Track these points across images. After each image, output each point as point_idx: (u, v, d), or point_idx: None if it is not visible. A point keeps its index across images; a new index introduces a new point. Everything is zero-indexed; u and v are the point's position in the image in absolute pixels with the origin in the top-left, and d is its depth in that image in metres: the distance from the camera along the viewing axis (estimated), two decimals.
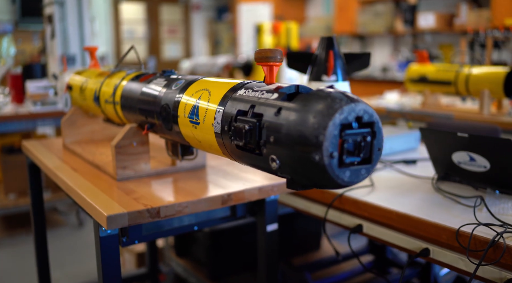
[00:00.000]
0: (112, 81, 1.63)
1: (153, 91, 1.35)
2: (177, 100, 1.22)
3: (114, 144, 1.45)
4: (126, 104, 1.48)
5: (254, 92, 0.99)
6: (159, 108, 1.29)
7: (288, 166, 0.88)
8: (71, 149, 1.89)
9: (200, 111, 1.11)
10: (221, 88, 1.10)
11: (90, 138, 2.02)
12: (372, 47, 7.30)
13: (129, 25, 9.23)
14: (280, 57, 1.02)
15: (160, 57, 9.67)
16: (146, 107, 1.36)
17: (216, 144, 1.08)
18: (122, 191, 1.37)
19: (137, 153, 1.49)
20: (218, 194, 1.33)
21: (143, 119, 1.40)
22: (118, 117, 1.59)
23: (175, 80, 1.31)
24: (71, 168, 1.64)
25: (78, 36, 4.41)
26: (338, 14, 7.29)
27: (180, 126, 1.20)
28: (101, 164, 1.61)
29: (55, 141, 2.15)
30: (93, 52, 2.04)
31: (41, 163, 1.79)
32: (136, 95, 1.42)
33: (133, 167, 1.49)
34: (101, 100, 1.68)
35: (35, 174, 2.09)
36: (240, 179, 1.48)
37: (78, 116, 1.99)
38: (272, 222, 1.51)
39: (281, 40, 4.85)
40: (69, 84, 2.01)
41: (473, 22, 5.58)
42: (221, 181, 1.46)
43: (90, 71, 1.95)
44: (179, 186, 1.42)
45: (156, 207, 1.23)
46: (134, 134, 1.47)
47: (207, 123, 1.08)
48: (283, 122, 0.87)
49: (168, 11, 9.71)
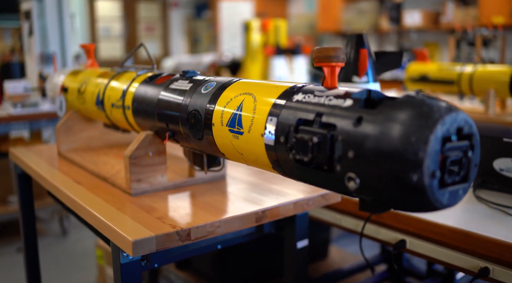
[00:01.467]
0: (120, 83, 1.46)
1: (177, 95, 1.18)
2: (210, 105, 1.06)
3: (128, 154, 1.28)
4: (140, 109, 1.31)
5: (318, 98, 0.84)
6: (185, 114, 1.13)
7: (370, 187, 0.74)
8: (69, 158, 1.71)
9: (244, 119, 0.96)
10: (269, 92, 0.95)
11: (87, 145, 1.84)
12: None
13: (105, 23, 8.92)
14: (343, 57, 0.88)
15: (138, 55, 9.39)
16: (168, 113, 1.20)
17: (265, 157, 0.93)
18: (140, 208, 1.21)
19: (153, 164, 1.32)
20: (252, 211, 1.18)
21: (162, 126, 1.24)
22: (128, 123, 1.42)
23: (203, 82, 1.15)
24: (74, 181, 1.46)
25: (58, 33, 4.17)
26: (321, 11, 7.20)
27: (216, 136, 1.04)
28: (109, 176, 1.43)
29: (45, 148, 1.96)
30: (91, 50, 1.85)
31: (36, 174, 1.60)
32: (154, 99, 1.26)
33: (148, 179, 1.32)
34: (106, 104, 1.50)
35: (25, 185, 1.89)
36: (269, 191, 1.33)
37: (75, 121, 1.80)
38: (303, 238, 1.37)
39: (270, 38, 4.71)
40: (64, 86, 1.82)
41: (460, 20, 5.56)
42: (249, 195, 1.31)
43: (89, 71, 1.76)
44: (204, 201, 1.26)
45: (186, 229, 1.07)
46: (150, 143, 1.31)
47: (255, 133, 0.93)
48: (368, 134, 0.72)
49: (145, 8, 9.44)
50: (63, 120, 1.78)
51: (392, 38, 6.77)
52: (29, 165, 1.68)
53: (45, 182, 1.53)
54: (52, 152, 1.88)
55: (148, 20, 9.52)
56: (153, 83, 1.31)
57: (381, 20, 6.50)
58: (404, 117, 0.70)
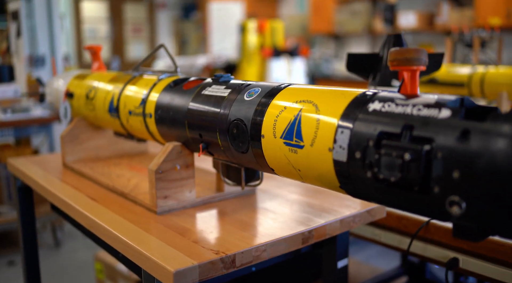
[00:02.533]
0: (139, 88, 1.32)
1: (213, 102, 1.05)
2: (258, 115, 0.93)
3: (154, 168, 1.14)
4: (166, 118, 1.18)
5: (402, 107, 0.72)
6: (225, 124, 1.00)
7: (480, 212, 0.62)
8: (77, 170, 1.56)
9: (305, 131, 0.83)
10: (334, 100, 0.83)
11: (95, 155, 1.69)
12: (349, 47, 7.17)
13: (91, 24, 8.70)
14: (425, 59, 0.76)
15: (124, 57, 9.19)
16: (202, 123, 1.07)
17: (332, 175, 0.80)
18: (171, 229, 1.07)
19: (181, 179, 1.19)
20: (298, 231, 1.06)
21: (194, 137, 1.11)
22: (149, 133, 1.28)
23: (244, 87, 1.02)
24: (87, 196, 1.31)
25: (47, 34, 3.99)
26: (314, 13, 7.11)
27: (266, 149, 0.92)
28: (127, 191, 1.29)
29: (46, 159, 1.80)
30: (98, 52, 1.70)
31: (42, 189, 1.45)
32: (183, 107, 1.12)
33: (176, 196, 1.19)
34: (122, 112, 1.36)
35: (26, 198, 1.74)
36: (307, 206, 1.21)
37: (82, 129, 1.65)
38: (343, 257, 1.25)
39: (266, 39, 4.60)
40: (69, 91, 1.67)
41: (455, 21, 5.51)
42: (288, 211, 1.18)
43: (97, 75, 1.62)
44: (240, 220, 1.13)
45: (230, 255, 0.94)
46: (177, 155, 1.17)
47: (320, 147, 0.80)
48: (479, 151, 0.61)
49: (132, 9, 9.24)
50: (68, 129, 1.63)
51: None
52: (33, 178, 1.53)
53: (53, 197, 1.38)
54: (55, 162, 1.73)
55: (135, 21, 9.32)
56: (180, 89, 1.18)
57: (375, 21, 6.44)
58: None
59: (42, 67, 3.95)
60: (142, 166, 1.59)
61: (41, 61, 3.92)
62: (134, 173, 1.48)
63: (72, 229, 3.66)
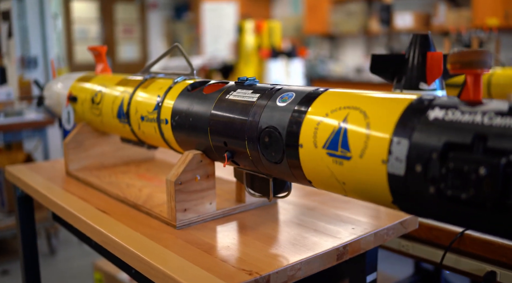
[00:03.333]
0: (152, 91, 1.23)
1: (240, 108, 0.97)
2: (295, 122, 0.85)
3: (174, 179, 1.05)
4: (185, 124, 1.09)
5: (469, 115, 0.65)
6: (255, 132, 0.92)
7: None
8: (82, 179, 1.47)
9: (353, 140, 0.75)
10: (385, 106, 0.75)
11: (100, 162, 1.60)
12: (344, 48, 7.12)
13: (81, 25, 8.55)
14: (490, 62, 0.69)
15: (115, 58, 9.05)
16: (228, 130, 0.98)
17: (385, 190, 0.73)
18: (195, 246, 0.99)
19: (201, 190, 1.10)
20: (332, 247, 0.98)
21: (217, 145, 1.02)
22: (164, 140, 1.20)
23: (275, 91, 0.94)
24: (96, 208, 1.22)
25: (39, 35, 3.87)
26: (308, 13, 7.05)
27: (304, 160, 0.84)
28: (140, 202, 1.21)
29: (46, 166, 1.71)
30: (102, 53, 1.61)
31: (46, 200, 1.36)
32: (205, 112, 1.04)
33: (196, 208, 1.10)
34: (133, 117, 1.27)
35: (27, 208, 1.64)
36: (336, 219, 1.13)
37: (86, 135, 1.56)
38: (372, 271, 1.18)
39: (264, 40, 4.52)
40: (72, 94, 1.58)
41: (452, 22, 5.48)
42: (316, 224, 1.10)
43: (103, 78, 1.52)
44: (267, 234, 1.05)
45: (264, 275, 0.86)
46: (198, 165, 1.09)
47: (371, 159, 0.73)
48: None
49: (123, 10, 9.10)
50: (72, 135, 1.54)
51: (381, 40, 6.67)
52: (35, 188, 1.43)
53: (58, 209, 1.29)
54: (56, 170, 1.63)
55: (126, 22, 9.19)
56: (200, 93, 1.10)
57: (371, 22, 6.39)
58: None
59: (35, 69, 3.83)
60: (151, 174, 1.50)
61: (34, 63, 3.80)
62: (144, 183, 1.39)
63: (67, 236, 3.55)
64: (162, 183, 1.39)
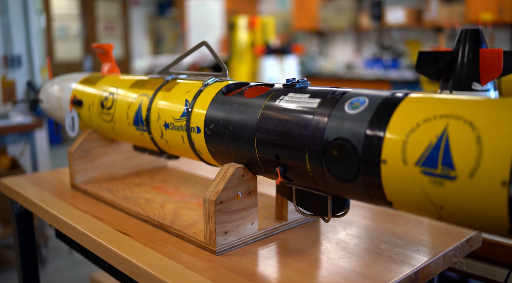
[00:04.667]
0: (177, 95, 1.08)
1: (298, 115, 0.83)
2: (375, 133, 0.71)
3: (214, 198, 0.91)
4: (222, 134, 0.95)
5: None
6: (320, 144, 0.78)
7: None
8: (91, 193, 1.31)
9: (460, 156, 0.62)
10: (494, 114, 0.62)
11: (109, 173, 1.44)
12: (334, 44, 7.02)
13: (61, 22, 8.25)
14: None
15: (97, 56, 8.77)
16: (282, 141, 0.84)
17: (503, 216, 0.60)
18: (243, 276, 0.84)
19: (243, 209, 0.96)
20: (404, 274, 0.85)
21: (266, 158, 0.88)
22: (194, 150, 1.05)
23: (340, 96, 0.80)
24: (116, 230, 1.07)
25: (23, 32, 3.65)
26: (297, 9, 6.92)
27: (388, 178, 0.70)
28: (168, 223, 1.06)
29: (45, 177, 1.54)
30: (109, 51, 1.45)
31: (54, 219, 1.19)
32: (250, 120, 0.90)
33: (237, 230, 0.96)
34: (154, 124, 1.12)
35: (26, 225, 1.47)
36: (395, 237, 1.00)
37: (93, 143, 1.40)
38: None
39: (257, 36, 4.37)
40: (77, 98, 1.41)
41: (445, 17, 5.43)
42: (373, 244, 0.97)
43: (112, 79, 1.37)
44: (319, 258, 0.91)
45: None
46: (239, 180, 0.94)
47: (485, 179, 0.59)
48: None
49: (105, 6, 8.83)
50: (78, 143, 1.37)
51: (371, 36, 6.58)
52: (39, 205, 1.27)
53: (69, 229, 1.13)
54: (59, 183, 1.47)
55: (107, 19, 8.92)
56: (241, 97, 0.95)
57: (361, 17, 6.30)
58: None
59: (19, 68, 3.61)
60: (169, 186, 1.35)
61: (17, 62, 3.59)
62: (164, 197, 1.24)
63: (57, 246, 3.36)
64: (185, 197, 1.24)
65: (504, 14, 4.97)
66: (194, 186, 1.34)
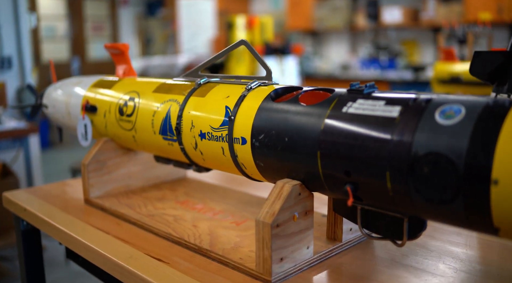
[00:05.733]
0: (214, 100, 0.96)
1: (375, 125, 0.71)
2: (482, 147, 0.60)
3: (270, 221, 0.78)
4: (275, 146, 0.83)
5: None
6: (406, 159, 0.66)
7: None
8: (109, 210, 1.17)
9: None
10: None
11: (126, 186, 1.31)
12: (328, 44, 6.93)
13: (48, 22, 8.03)
14: None
15: (85, 57, 8.58)
16: (355, 155, 0.72)
17: None
18: None
19: (299, 231, 0.84)
20: None
21: (333, 174, 0.76)
22: (237, 164, 0.92)
23: (425, 103, 0.69)
24: (147, 255, 0.94)
25: (13, 33, 3.48)
26: (291, 9, 6.82)
27: (499, 202, 0.59)
28: (206, 246, 0.93)
29: (53, 191, 1.40)
30: (126, 52, 1.32)
31: (70, 240, 1.06)
32: (311, 130, 0.78)
33: (292, 256, 0.84)
34: (186, 134, 0.99)
35: (33, 244, 1.34)
36: (456, 258, 0.89)
37: (109, 153, 1.26)
38: None
39: (256, 36, 4.25)
40: (89, 104, 1.28)
41: (443, 16, 5.37)
42: (436, 266, 0.86)
43: (130, 82, 1.24)
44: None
45: None
46: (296, 199, 0.82)
47: None
48: None
49: (92, 6, 8.63)
50: (92, 154, 1.24)
51: (367, 36, 6.51)
52: (51, 224, 1.13)
53: (90, 253, 1.00)
54: (69, 196, 1.34)
55: (95, 19, 8.72)
56: (296, 104, 0.83)
57: (357, 17, 6.22)
58: None
59: (9, 69, 3.44)
60: (195, 200, 1.22)
61: (8, 63, 3.42)
62: (194, 214, 1.11)
63: (51, 257, 3.20)
64: (217, 214, 1.11)
65: (503, 14, 4.92)
66: (223, 200, 1.22)
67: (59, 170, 5.44)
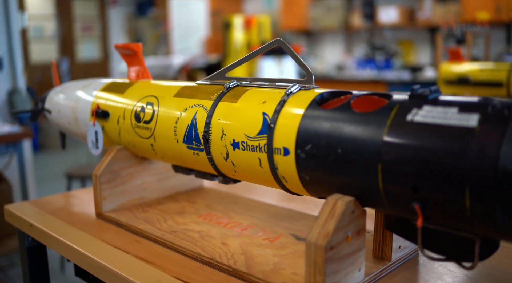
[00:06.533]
0: (248, 106, 0.87)
1: (449, 135, 0.63)
2: None
3: (324, 243, 0.70)
4: (325, 157, 0.74)
5: None
6: (489, 175, 0.58)
7: None
8: (126, 225, 1.08)
9: None
10: None
11: (141, 198, 1.21)
12: (323, 44, 6.86)
13: (36, 22, 7.85)
14: None
15: (74, 58, 8.41)
16: (425, 170, 0.64)
17: None
18: None
19: (352, 253, 0.75)
20: None
21: (397, 190, 0.68)
22: (276, 177, 0.83)
23: (506, 110, 0.61)
24: (175, 278, 0.84)
25: (4, 32, 3.35)
26: (285, 9, 6.74)
27: None
28: (243, 268, 0.84)
29: (58, 203, 1.30)
30: (139, 52, 1.22)
31: (86, 260, 0.96)
32: (370, 140, 0.69)
33: (345, 280, 0.75)
34: (216, 143, 0.90)
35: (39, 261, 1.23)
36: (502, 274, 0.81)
37: (123, 162, 1.17)
38: None
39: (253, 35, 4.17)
40: (100, 109, 1.18)
41: (439, 16, 5.33)
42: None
43: (146, 85, 1.14)
44: None
45: None
46: (349, 218, 0.73)
47: None
48: None
49: (82, 6, 8.46)
50: (105, 164, 1.14)
51: (362, 36, 6.46)
52: (61, 241, 1.03)
53: (110, 276, 0.90)
54: (77, 209, 1.24)
55: (84, 19, 8.55)
56: (348, 110, 0.74)
57: (352, 17, 6.16)
58: None
59: (0, 71, 3.31)
60: (218, 213, 1.13)
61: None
62: (220, 229, 1.02)
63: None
64: (245, 229, 1.02)
65: (501, 13, 4.90)
66: (248, 213, 1.13)
67: (51, 175, 5.30)
